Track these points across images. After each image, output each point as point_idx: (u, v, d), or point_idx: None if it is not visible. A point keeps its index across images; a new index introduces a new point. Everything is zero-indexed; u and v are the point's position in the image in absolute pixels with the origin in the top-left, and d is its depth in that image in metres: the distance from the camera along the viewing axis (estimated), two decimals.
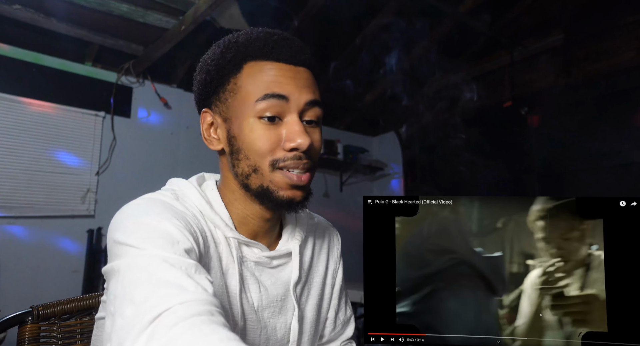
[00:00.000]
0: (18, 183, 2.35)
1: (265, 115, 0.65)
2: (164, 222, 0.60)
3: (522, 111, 3.00)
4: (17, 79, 2.39)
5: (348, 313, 0.90)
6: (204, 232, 0.66)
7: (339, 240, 0.91)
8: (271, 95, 0.64)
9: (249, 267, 0.72)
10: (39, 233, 2.38)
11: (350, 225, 3.61)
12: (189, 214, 0.66)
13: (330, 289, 0.85)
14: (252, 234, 0.73)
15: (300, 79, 0.68)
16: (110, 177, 2.64)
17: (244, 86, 0.67)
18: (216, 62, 0.69)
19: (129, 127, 2.74)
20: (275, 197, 0.67)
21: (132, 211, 0.63)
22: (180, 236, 0.59)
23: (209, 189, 0.74)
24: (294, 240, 0.77)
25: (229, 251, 0.69)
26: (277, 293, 0.73)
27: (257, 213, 0.72)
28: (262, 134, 0.65)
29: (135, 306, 0.49)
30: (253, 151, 0.66)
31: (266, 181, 0.67)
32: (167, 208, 0.63)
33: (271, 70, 0.66)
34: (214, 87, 0.70)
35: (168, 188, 0.74)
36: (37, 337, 0.82)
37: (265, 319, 0.72)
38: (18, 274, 2.27)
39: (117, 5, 2.18)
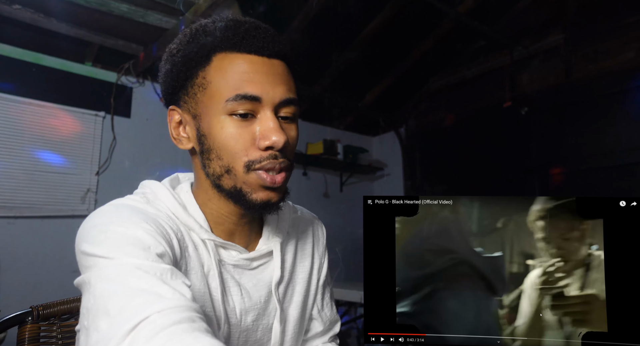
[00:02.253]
0: (18, 182, 2.35)
1: (238, 112, 0.61)
2: (133, 227, 0.56)
3: (522, 111, 3.00)
4: (17, 79, 2.39)
5: (333, 308, 0.88)
6: (179, 233, 0.63)
7: (324, 233, 0.87)
8: (243, 96, 0.60)
9: (228, 270, 0.69)
10: (39, 233, 2.38)
11: (350, 225, 3.61)
12: (162, 215, 0.63)
13: (316, 283, 0.82)
14: (229, 233, 0.70)
15: (275, 74, 0.63)
16: (110, 177, 2.64)
17: (213, 81, 0.62)
18: (182, 52, 0.64)
19: (129, 127, 2.74)
20: (248, 199, 0.63)
21: (98, 219, 0.59)
22: (152, 241, 0.56)
23: (183, 191, 0.70)
24: (275, 238, 0.74)
25: (207, 253, 0.66)
26: (260, 295, 0.71)
27: (231, 212, 0.69)
28: (234, 132, 0.61)
29: (110, 319, 0.46)
30: (225, 151, 0.62)
31: (239, 183, 0.63)
32: (135, 212, 0.60)
33: (242, 64, 0.61)
34: (181, 81, 0.65)
35: (139, 191, 0.70)
36: (37, 337, 0.81)
37: (248, 322, 0.69)
38: (18, 274, 2.27)
39: (117, 5, 2.18)
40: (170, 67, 0.66)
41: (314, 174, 3.61)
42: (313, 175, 3.61)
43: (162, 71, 0.68)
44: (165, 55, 0.68)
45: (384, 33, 3.01)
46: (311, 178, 3.59)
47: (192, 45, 0.64)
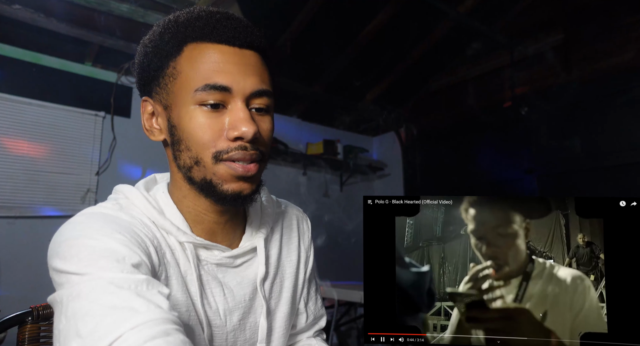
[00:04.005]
0: (18, 182, 2.35)
1: (207, 102, 0.59)
2: (105, 239, 0.54)
3: (522, 111, 3.00)
4: (17, 79, 2.39)
5: (319, 303, 0.87)
6: (155, 240, 0.61)
7: (309, 226, 0.86)
8: (212, 86, 0.59)
9: (210, 270, 0.67)
10: (39, 233, 2.38)
11: (350, 225, 3.61)
12: (136, 222, 0.61)
13: (303, 277, 0.81)
14: (209, 232, 0.68)
15: (246, 65, 0.61)
16: (110, 177, 2.64)
17: (183, 70, 0.61)
18: (154, 43, 0.64)
19: (129, 127, 2.74)
20: (219, 191, 0.61)
21: (68, 232, 0.57)
22: (126, 251, 0.54)
23: (159, 192, 0.69)
24: (259, 234, 0.73)
25: (185, 256, 0.64)
26: (244, 293, 0.69)
27: (208, 208, 0.67)
28: (203, 122, 0.59)
29: (81, 340, 0.45)
30: (194, 141, 0.60)
31: (209, 174, 0.61)
32: (108, 222, 0.58)
33: (213, 54, 0.60)
34: (152, 72, 0.64)
35: (112, 197, 0.68)
36: (37, 337, 0.81)
37: (235, 322, 0.68)
38: (18, 274, 2.27)
39: (117, 5, 2.18)
40: (143, 58, 0.65)
41: (314, 174, 3.61)
42: (313, 175, 3.60)
43: (135, 62, 0.68)
44: (139, 46, 0.67)
45: (384, 33, 3.00)
46: (311, 178, 3.58)
47: (163, 35, 0.63)
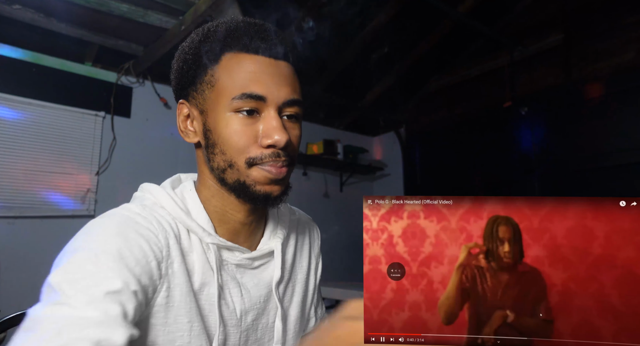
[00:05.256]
0: (18, 182, 2.35)
1: (243, 110, 0.63)
2: (100, 257, 0.55)
3: (522, 111, 3.00)
4: (17, 79, 2.39)
5: (324, 308, 0.91)
6: (165, 249, 0.61)
7: (319, 235, 0.90)
8: (248, 95, 0.62)
9: (230, 271, 0.69)
10: (39, 233, 2.38)
11: (350, 225, 3.61)
12: (154, 227, 0.62)
13: (313, 284, 0.85)
14: (234, 233, 0.71)
15: (280, 76, 0.65)
16: (110, 177, 2.64)
17: (221, 79, 0.64)
18: (194, 51, 0.67)
19: (129, 127, 2.74)
20: (252, 192, 0.65)
21: (78, 242, 0.58)
22: (112, 274, 0.54)
23: (186, 190, 0.71)
24: (276, 238, 0.75)
25: (205, 258, 0.66)
26: (260, 294, 0.72)
27: (236, 207, 0.69)
28: (238, 129, 0.63)
29: None
30: (229, 146, 0.63)
31: (243, 177, 0.64)
32: (118, 233, 0.58)
33: (250, 65, 0.63)
34: (190, 78, 0.67)
35: (138, 195, 0.70)
36: None
37: (249, 322, 0.70)
38: (18, 274, 2.27)
39: (117, 5, 2.18)
40: (182, 64, 0.68)
41: (314, 174, 3.61)
42: (313, 175, 3.60)
43: (174, 67, 0.71)
44: (178, 53, 0.70)
45: (384, 33, 3.00)
46: (311, 178, 3.58)
47: (203, 44, 0.66)
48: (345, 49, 3.11)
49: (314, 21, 1.16)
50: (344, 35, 3.02)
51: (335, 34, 2.97)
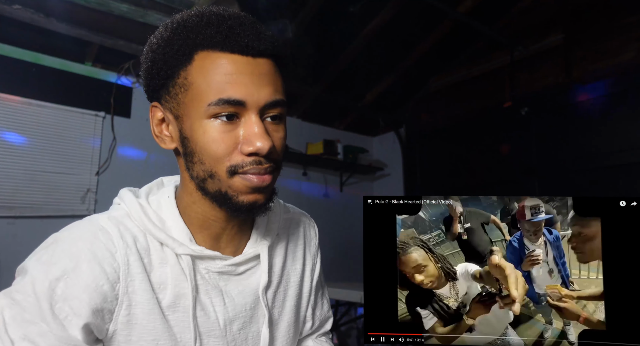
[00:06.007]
0: (18, 182, 2.35)
1: (221, 115, 0.58)
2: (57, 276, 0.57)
3: (522, 111, 3.00)
4: (17, 79, 2.39)
5: (325, 308, 0.86)
6: (125, 266, 0.59)
7: (317, 232, 0.85)
8: (226, 100, 0.57)
9: (212, 279, 0.66)
10: (39, 233, 2.37)
11: (350, 225, 3.61)
12: (112, 245, 0.59)
13: (309, 285, 0.80)
14: (215, 238, 0.67)
15: (260, 75, 0.59)
16: (110, 177, 2.64)
17: (195, 82, 0.58)
18: (163, 50, 0.60)
19: (129, 127, 2.74)
20: (234, 202, 0.60)
21: (31, 263, 0.61)
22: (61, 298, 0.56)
23: (164, 196, 0.68)
24: (263, 241, 0.71)
25: (180, 268, 0.63)
26: (246, 301, 0.68)
27: (217, 216, 0.66)
28: (216, 136, 0.58)
29: None
30: (207, 155, 0.59)
31: (224, 187, 0.60)
32: (73, 255, 0.58)
33: (226, 65, 0.58)
34: (162, 79, 0.61)
35: (115, 201, 0.68)
36: None
37: (235, 332, 0.67)
38: None
39: (117, 5, 2.18)
40: (151, 64, 0.62)
41: (314, 174, 3.61)
42: (313, 175, 3.61)
43: (143, 66, 0.64)
44: (146, 49, 0.64)
45: (384, 33, 3.00)
46: (311, 178, 3.59)
47: (173, 41, 0.60)
48: (345, 48, 3.11)
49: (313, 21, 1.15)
50: (344, 35, 3.02)
51: (335, 34, 2.97)
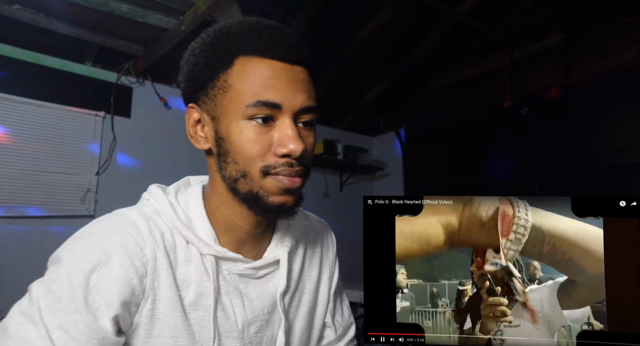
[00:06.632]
0: (18, 182, 2.35)
1: (257, 117, 0.60)
2: (86, 271, 0.57)
3: (522, 111, 2.99)
4: (17, 79, 2.39)
5: (346, 314, 0.87)
6: (152, 261, 0.60)
7: (334, 242, 0.86)
8: (263, 102, 0.59)
9: (232, 280, 0.67)
10: (39, 233, 2.38)
11: (350, 225, 3.61)
12: (142, 240, 0.60)
13: (327, 293, 0.81)
14: (239, 242, 0.69)
15: (296, 82, 0.62)
16: (110, 177, 2.64)
17: (234, 84, 0.61)
18: (205, 53, 0.63)
19: (129, 127, 2.74)
20: (265, 203, 0.62)
21: (65, 252, 0.60)
22: (92, 290, 0.57)
23: (192, 196, 0.69)
24: (283, 247, 0.72)
25: (203, 268, 0.64)
26: (264, 305, 0.69)
27: (245, 218, 0.67)
28: (252, 137, 0.60)
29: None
30: (242, 155, 0.61)
31: (256, 187, 0.62)
32: (113, 244, 0.59)
33: (265, 70, 0.61)
34: (201, 82, 0.64)
35: (144, 197, 0.69)
36: None
37: (252, 335, 0.68)
38: (18, 274, 2.27)
39: (117, 5, 2.18)
40: (192, 67, 0.65)
41: (314, 174, 3.61)
42: (313, 175, 3.61)
43: (183, 69, 0.67)
44: (187, 54, 0.67)
45: (384, 33, 3.00)
46: (311, 178, 3.51)
47: (215, 47, 0.63)
48: (345, 48, 3.11)
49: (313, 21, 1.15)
50: (344, 35, 3.02)
51: (335, 34, 2.97)
